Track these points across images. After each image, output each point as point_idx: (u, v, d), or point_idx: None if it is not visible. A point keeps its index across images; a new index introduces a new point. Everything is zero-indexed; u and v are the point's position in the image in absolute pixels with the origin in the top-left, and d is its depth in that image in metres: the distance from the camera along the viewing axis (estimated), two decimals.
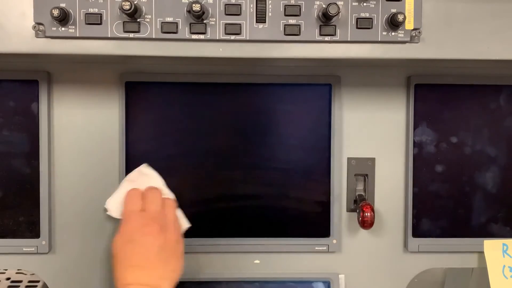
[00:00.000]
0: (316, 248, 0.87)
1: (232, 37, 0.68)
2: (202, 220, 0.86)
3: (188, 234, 0.86)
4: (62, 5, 0.66)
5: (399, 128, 0.87)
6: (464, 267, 1.02)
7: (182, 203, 0.85)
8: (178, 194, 0.85)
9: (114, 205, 0.79)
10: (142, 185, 0.79)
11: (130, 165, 0.84)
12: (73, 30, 0.67)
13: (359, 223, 0.82)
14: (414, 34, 0.69)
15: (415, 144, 0.86)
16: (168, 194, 0.79)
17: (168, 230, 0.74)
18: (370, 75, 0.86)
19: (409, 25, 0.68)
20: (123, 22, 0.67)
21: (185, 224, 0.80)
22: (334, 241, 0.87)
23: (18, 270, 1.14)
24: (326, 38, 0.68)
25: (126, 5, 0.63)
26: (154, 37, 0.67)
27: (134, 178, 0.80)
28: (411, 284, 0.89)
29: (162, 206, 0.76)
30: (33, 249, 0.84)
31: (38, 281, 1.10)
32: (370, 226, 0.81)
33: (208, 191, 0.86)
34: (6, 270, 1.15)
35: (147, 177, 0.80)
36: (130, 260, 0.71)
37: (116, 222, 0.78)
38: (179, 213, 0.80)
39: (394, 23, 0.67)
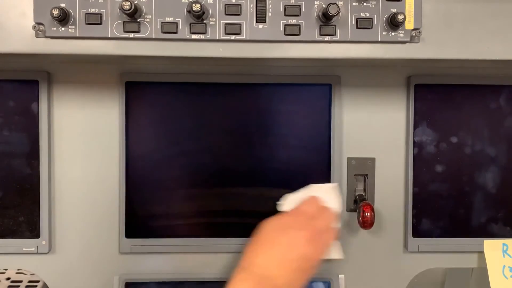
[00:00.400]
0: None
1: (232, 37, 0.68)
2: (201, 220, 0.86)
3: (188, 234, 0.86)
4: (62, 5, 0.66)
5: (399, 128, 0.87)
6: (464, 267, 1.02)
7: (181, 202, 0.85)
8: (177, 193, 0.85)
9: (290, 201, 0.79)
10: (327, 198, 0.79)
11: (130, 165, 0.84)
12: (73, 30, 0.67)
13: (359, 223, 0.82)
14: (414, 34, 0.69)
15: (415, 144, 0.86)
16: (337, 226, 0.79)
17: (316, 249, 0.72)
18: (370, 75, 0.86)
19: (409, 25, 0.68)
20: (123, 22, 0.67)
21: (338, 254, 0.79)
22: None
23: (18, 270, 1.14)
24: (326, 38, 0.68)
25: (126, 5, 0.63)
26: (154, 37, 0.67)
27: (319, 190, 0.79)
28: (411, 284, 0.89)
29: (327, 228, 0.75)
30: (33, 249, 0.84)
31: (38, 281, 1.10)
32: (370, 226, 0.81)
33: (208, 191, 0.86)
34: (6, 270, 1.15)
35: (330, 198, 0.79)
36: (269, 246, 0.70)
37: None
38: (337, 243, 0.79)
39: (394, 23, 0.67)
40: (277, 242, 0.70)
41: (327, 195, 0.79)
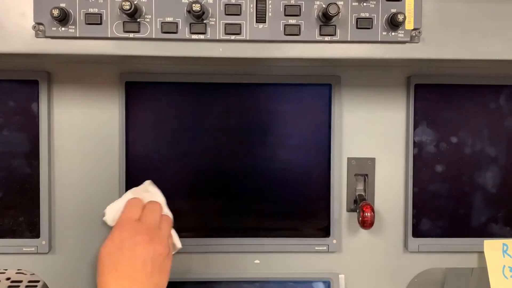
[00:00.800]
0: (316, 248, 0.87)
1: (232, 37, 0.68)
2: (201, 220, 0.86)
3: (188, 234, 0.86)
4: (62, 5, 0.66)
5: (399, 128, 0.87)
6: (464, 267, 1.02)
7: (182, 202, 0.85)
8: (177, 193, 0.85)
9: (112, 213, 0.78)
10: (144, 199, 0.78)
11: (130, 165, 0.84)
12: (73, 30, 0.67)
13: (359, 223, 0.82)
14: (414, 34, 0.69)
15: (415, 144, 0.86)
16: (167, 213, 0.79)
17: (160, 244, 0.72)
18: (370, 75, 0.86)
19: (409, 25, 0.68)
20: (123, 22, 0.67)
21: (178, 244, 0.79)
22: (334, 241, 0.87)
23: (18, 270, 1.14)
24: (326, 38, 0.68)
25: (126, 5, 0.63)
26: (154, 37, 0.67)
27: (137, 192, 0.79)
28: (411, 284, 0.89)
29: (159, 220, 0.75)
30: (33, 249, 0.84)
31: (38, 281, 1.10)
32: (370, 226, 0.81)
33: (208, 190, 0.86)
34: (6, 270, 1.15)
35: (149, 193, 0.79)
36: (116, 268, 0.69)
37: (109, 229, 0.78)
38: (174, 233, 0.78)
39: (394, 23, 0.67)
40: (121, 260, 0.69)
41: (146, 194, 0.78)
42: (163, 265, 0.72)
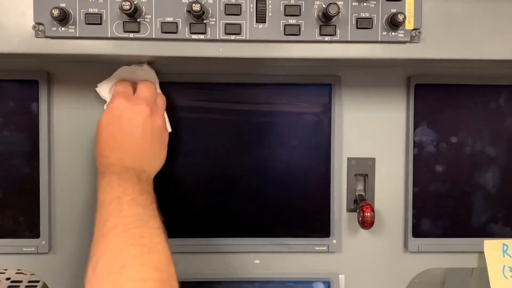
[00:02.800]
0: (316, 248, 0.87)
1: (232, 37, 0.68)
2: (202, 220, 0.86)
3: (188, 234, 0.86)
4: (62, 5, 0.66)
5: (399, 128, 0.87)
6: (464, 267, 1.02)
7: (181, 202, 0.85)
8: (177, 193, 0.85)
9: (106, 88, 0.78)
10: (138, 77, 0.78)
11: None
12: (73, 30, 0.67)
13: (359, 223, 0.82)
14: (414, 34, 0.69)
15: (415, 144, 0.86)
16: (160, 93, 0.79)
17: (158, 115, 0.72)
18: (370, 75, 0.86)
19: (409, 25, 0.68)
20: (123, 22, 0.67)
21: (168, 128, 0.78)
22: (334, 241, 0.87)
23: (18, 270, 1.14)
24: (326, 38, 0.68)
25: (126, 5, 0.63)
26: (154, 37, 0.67)
27: (131, 69, 0.78)
28: (411, 284, 0.89)
29: (155, 95, 0.75)
30: (33, 249, 0.83)
31: (38, 281, 1.10)
32: (370, 226, 0.81)
33: (207, 190, 0.86)
34: (6, 270, 1.15)
35: (144, 72, 0.78)
36: (115, 138, 0.68)
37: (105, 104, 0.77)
38: (166, 115, 0.78)
39: (394, 23, 0.67)
40: (120, 130, 0.69)
41: (140, 72, 0.78)
42: (162, 136, 0.72)
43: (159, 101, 0.76)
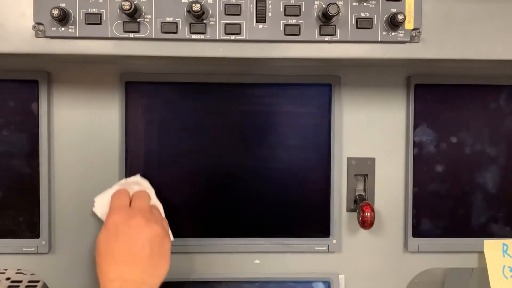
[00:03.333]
0: (316, 248, 0.87)
1: (232, 37, 0.68)
2: (202, 220, 0.86)
3: (188, 234, 0.86)
4: (62, 5, 0.66)
5: (399, 128, 0.87)
6: (464, 267, 1.02)
7: (181, 202, 0.85)
8: (177, 193, 0.85)
9: (101, 204, 0.79)
10: (133, 191, 0.79)
11: (130, 165, 0.84)
12: (73, 30, 0.67)
13: (359, 223, 0.82)
14: (414, 34, 0.69)
15: (415, 144, 0.86)
16: (156, 203, 0.79)
17: (156, 224, 0.72)
18: (370, 75, 0.86)
19: (409, 25, 0.68)
20: (123, 22, 0.67)
21: (170, 236, 0.78)
22: (334, 241, 0.87)
23: (18, 270, 1.14)
24: (326, 38, 0.68)
25: (126, 5, 0.63)
26: (154, 37, 0.67)
27: (126, 184, 0.80)
28: (411, 284, 0.89)
29: (149, 206, 0.75)
30: (33, 249, 0.84)
31: (38, 281, 1.10)
32: (370, 226, 0.81)
33: (208, 190, 0.86)
34: (6, 270, 1.15)
35: (139, 186, 0.80)
36: (113, 256, 0.69)
37: (100, 222, 0.78)
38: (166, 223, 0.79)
39: (394, 23, 0.67)
40: (118, 247, 0.69)
41: (134, 185, 0.79)
42: (162, 246, 0.72)
43: (154, 211, 0.76)
